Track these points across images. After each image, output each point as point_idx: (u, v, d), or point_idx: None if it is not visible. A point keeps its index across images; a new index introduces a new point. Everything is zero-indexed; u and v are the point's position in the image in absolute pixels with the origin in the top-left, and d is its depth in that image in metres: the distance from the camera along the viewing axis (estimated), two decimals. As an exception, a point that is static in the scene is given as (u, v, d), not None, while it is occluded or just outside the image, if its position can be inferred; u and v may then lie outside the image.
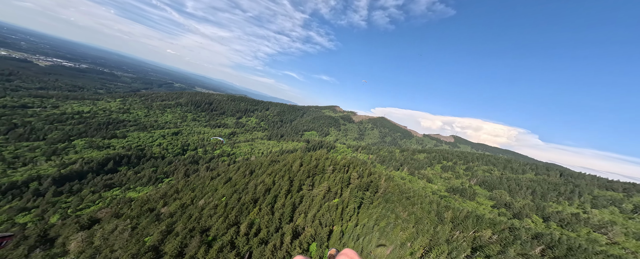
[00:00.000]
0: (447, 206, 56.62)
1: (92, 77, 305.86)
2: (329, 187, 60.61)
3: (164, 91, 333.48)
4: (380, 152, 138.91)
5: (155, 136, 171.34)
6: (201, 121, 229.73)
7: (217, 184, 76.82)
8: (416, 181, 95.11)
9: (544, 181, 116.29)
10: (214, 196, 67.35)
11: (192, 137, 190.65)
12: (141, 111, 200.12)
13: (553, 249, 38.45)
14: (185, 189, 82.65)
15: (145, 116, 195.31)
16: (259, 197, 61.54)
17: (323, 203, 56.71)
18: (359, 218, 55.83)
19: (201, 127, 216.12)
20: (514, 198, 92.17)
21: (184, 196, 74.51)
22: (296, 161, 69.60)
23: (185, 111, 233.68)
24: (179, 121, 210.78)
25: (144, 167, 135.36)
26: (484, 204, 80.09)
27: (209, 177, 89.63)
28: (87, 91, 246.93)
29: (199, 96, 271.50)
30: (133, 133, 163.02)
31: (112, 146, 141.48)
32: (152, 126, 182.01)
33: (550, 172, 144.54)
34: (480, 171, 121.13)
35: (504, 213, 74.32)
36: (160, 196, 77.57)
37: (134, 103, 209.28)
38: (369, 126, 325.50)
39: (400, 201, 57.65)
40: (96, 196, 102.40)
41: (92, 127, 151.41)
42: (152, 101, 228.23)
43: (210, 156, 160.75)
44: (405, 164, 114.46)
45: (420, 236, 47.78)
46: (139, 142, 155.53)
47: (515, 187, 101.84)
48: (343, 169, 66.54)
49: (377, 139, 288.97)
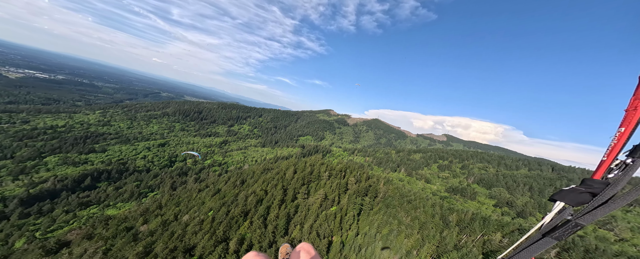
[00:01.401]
0: (451, 208, 53.66)
1: (69, 88, 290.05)
2: (326, 195, 56.51)
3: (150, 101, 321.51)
4: (376, 154, 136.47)
5: (140, 148, 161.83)
6: (190, 130, 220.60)
7: (204, 196, 70.94)
8: (415, 182, 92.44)
9: (538, 176, 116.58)
10: (200, 210, 61.57)
11: (181, 148, 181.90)
12: (123, 122, 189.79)
13: (569, 252, 35.74)
14: (170, 203, 76.00)
15: (128, 127, 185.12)
16: (250, 209, 56.47)
17: (320, 212, 52.41)
18: (360, 226, 51.81)
19: (190, 137, 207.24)
20: (514, 195, 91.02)
21: (167, 212, 68.02)
22: (290, 168, 65.24)
23: (173, 121, 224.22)
24: (166, 132, 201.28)
25: (127, 181, 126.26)
26: (485, 203, 78.03)
27: (196, 189, 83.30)
28: (63, 104, 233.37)
29: (187, 104, 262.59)
30: (114, 147, 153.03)
31: (89, 161, 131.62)
32: (135, 138, 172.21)
33: (542, 167, 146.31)
34: (476, 169, 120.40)
35: (508, 212, 72.33)
36: (141, 213, 70.62)
37: (115, 115, 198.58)
38: (363, 128, 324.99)
39: (401, 206, 54.22)
40: (70, 215, 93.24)
41: (68, 143, 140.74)
42: (136, 112, 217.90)
43: (200, 166, 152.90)
44: (402, 165, 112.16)
45: (426, 243, 44.22)
46: (120, 156, 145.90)
47: (512, 184, 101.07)
48: (340, 175, 62.76)
49: (372, 141, 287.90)
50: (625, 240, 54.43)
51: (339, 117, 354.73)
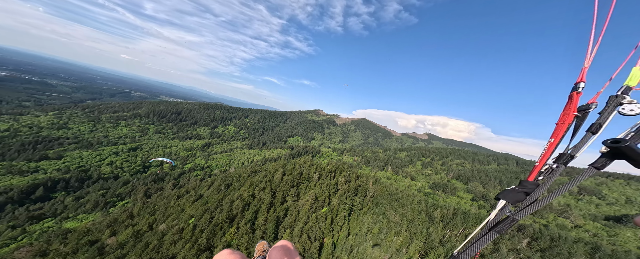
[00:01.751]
0: (435, 205, 56.02)
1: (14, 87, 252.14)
2: (316, 196, 55.62)
3: (119, 101, 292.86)
4: (364, 153, 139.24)
5: (105, 153, 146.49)
6: (167, 133, 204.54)
7: (184, 203, 65.89)
8: (401, 179, 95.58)
9: (506, 170, 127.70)
10: (179, 218, 56.96)
11: (156, 152, 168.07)
12: (84, 125, 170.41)
13: (538, 241, 39.11)
14: (143, 212, 69.34)
15: (90, 131, 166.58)
16: (237, 214, 53.54)
17: (310, 214, 51.38)
18: (351, 226, 51.77)
19: (168, 140, 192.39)
20: (487, 188, 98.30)
21: (141, 221, 61.91)
22: (278, 170, 63.17)
23: (146, 123, 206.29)
24: (137, 135, 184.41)
25: (90, 191, 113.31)
26: (464, 197, 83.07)
27: (174, 196, 77.18)
28: (6, 104, 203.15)
29: (163, 105, 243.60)
30: (73, 152, 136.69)
31: (41, 170, 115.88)
32: (99, 143, 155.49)
33: (509, 161, 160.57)
34: (454, 165, 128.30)
35: (483, 205, 77.72)
36: (108, 224, 63.43)
37: (73, 116, 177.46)
38: (352, 128, 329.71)
39: (390, 204, 55.33)
40: (18, 231, 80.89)
41: (12, 149, 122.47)
42: (100, 113, 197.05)
43: (179, 171, 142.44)
44: (389, 164, 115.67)
45: (414, 240, 45.46)
46: (81, 162, 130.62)
47: (485, 179, 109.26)
48: (330, 175, 62.29)
49: (360, 141, 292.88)
50: (579, 226, 61.31)
51: (327, 117, 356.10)
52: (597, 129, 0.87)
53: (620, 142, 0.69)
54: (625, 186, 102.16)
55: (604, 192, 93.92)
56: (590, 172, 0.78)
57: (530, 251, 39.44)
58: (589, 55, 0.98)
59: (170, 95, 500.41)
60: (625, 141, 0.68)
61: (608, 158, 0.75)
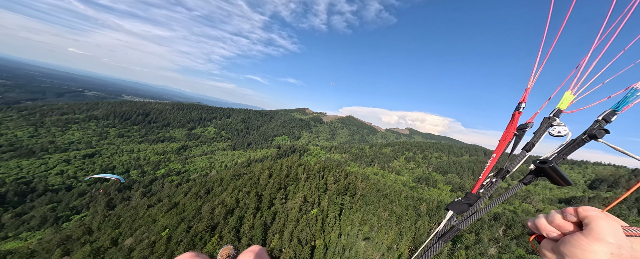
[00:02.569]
0: (421, 199, 57.54)
1: None
2: (305, 198, 53.35)
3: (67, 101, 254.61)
4: (352, 150, 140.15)
5: (53, 162, 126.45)
6: (133, 136, 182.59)
7: (155, 213, 58.73)
8: (387, 174, 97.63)
9: (476, 161, 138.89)
10: (150, 230, 50.43)
11: (120, 157, 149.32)
12: (22, 130, 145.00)
13: (512, 229, 41.84)
14: (104, 226, 60.41)
15: (30, 136, 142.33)
16: (219, 222, 48.93)
17: (300, 217, 49.03)
18: (342, 226, 50.61)
19: (134, 144, 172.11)
20: (463, 179, 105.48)
21: (101, 236, 53.70)
22: (264, 172, 59.31)
23: (106, 126, 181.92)
24: (95, 139, 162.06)
25: (34, 205, 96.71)
26: (444, 189, 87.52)
27: (143, 206, 68.65)
28: None
29: (126, 105, 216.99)
30: (8, 162, 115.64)
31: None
32: (44, 150, 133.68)
33: (478, 152, 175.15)
34: (433, 158, 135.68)
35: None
36: (59, 242, 53.96)
37: (7, 120, 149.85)
38: (338, 125, 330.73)
39: (379, 201, 55.40)
40: None
41: None
42: (43, 116, 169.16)
43: (150, 177, 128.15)
44: (375, 160, 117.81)
45: (404, 236, 45.85)
46: (20, 173, 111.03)
47: (460, 169, 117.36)
48: (318, 175, 60.35)
49: (347, 138, 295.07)
50: (540, 211, 68.27)
51: (314, 115, 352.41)
52: (530, 148, 0.95)
53: (546, 163, 0.77)
54: (570, 171, 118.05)
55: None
56: (518, 187, 0.88)
57: (506, 239, 42.25)
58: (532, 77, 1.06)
59: (135, 94, 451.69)
60: (550, 162, 0.77)
61: (534, 175, 0.83)
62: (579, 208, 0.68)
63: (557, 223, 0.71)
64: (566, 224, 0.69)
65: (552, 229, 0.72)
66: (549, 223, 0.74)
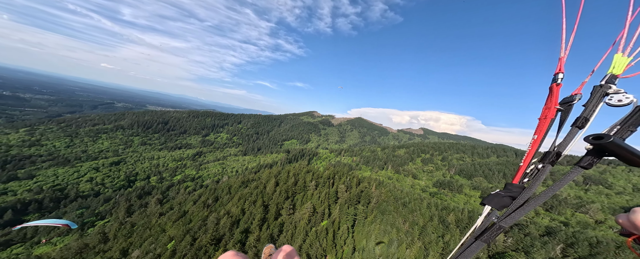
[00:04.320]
0: (447, 207, 50.61)
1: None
2: (314, 208, 49.31)
3: (99, 112, 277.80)
4: (363, 152, 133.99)
5: (84, 169, 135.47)
6: (154, 144, 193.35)
7: (165, 222, 58.18)
8: (403, 178, 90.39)
9: (507, 162, 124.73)
10: (158, 241, 49.38)
11: (142, 164, 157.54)
12: (60, 141, 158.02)
13: (574, 247, 33.78)
14: (119, 234, 61.13)
15: (66, 146, 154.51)
16: (224, 234, 46.51)
17: (309, 229, 45.01)
18: (356, 239, 45.62)
19: (155, 152, 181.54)
20: (492, 183, 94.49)
21: (115, 246, 53.90)
22: (270, 181, 56.39)
23: (130, 135, 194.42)
24: (121, 148, 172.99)
25: (67, 211, 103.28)
26: (472, 195, 78.42)
27: (156, 213, 69.06)
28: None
29: (148, 115, 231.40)
30: (46, 171, 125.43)
31: (10, 191, 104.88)
32: (77, 159, 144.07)
33: (507, 153, 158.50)
34: (455, 160, 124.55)
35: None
36: (77, 250, 55.08)
37: (47, 132, 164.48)
38: (348, 127, 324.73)
39: (397, 210, 49.56)
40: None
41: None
42: (77, 127, 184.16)
43: (167, 183, 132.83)
44: (388, 162, 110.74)
45: (430, 252, 39.69)
46: (56, 181, 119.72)
47: (488, 173, 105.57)
48: (328, 183, 56.07)
49: (357, 140, 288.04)
50: (601, 222, 57.06)
51: (323, 118, 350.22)
52: (584, 124, 0.79)
53: (603, 139, 0.61)
54: (628, 173, 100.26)
55: (609, 181, 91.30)
56: (576, 173, 0.71)
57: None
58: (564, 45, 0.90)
59: (157, 104, 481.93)
60: (609, 137, 0.60)
61: (594, 156, 0.67)
62: None
63: None
64: None
65: None
66: None
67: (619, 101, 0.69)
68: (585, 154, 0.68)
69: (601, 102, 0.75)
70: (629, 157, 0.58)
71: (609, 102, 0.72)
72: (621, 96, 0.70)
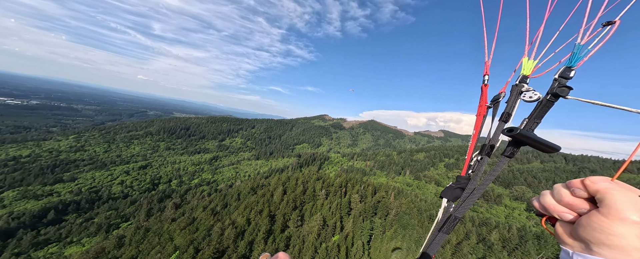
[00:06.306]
0: (486, 223, 41.74)
1: (44, 114, 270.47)
2: (325, 220, 44.06)
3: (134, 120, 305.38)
4: (377, 157, 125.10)
5: (116, 173, 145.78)
6: (177, 149, 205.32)
7: (175, 229, 57.08)
8: (424, 186, 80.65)
9: (556, 169, 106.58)
10: (164, 250, 47.74)
11: (165, 168, 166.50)
12: (99, 146, 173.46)
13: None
14: (134, 239, 61.54)
15: (104, 151, 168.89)
16: (228, 246, 43.22)
17: (319, 244, 39.76)
18: (372, 258, 39.12)
19: (177, 156, 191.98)
20: (537, 193, 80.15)
21: (126, 252, 53.79)
22: (278, 188, 52.55)
23: (157, 140, 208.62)
24: (149, 152, 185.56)
25: (99, 212, 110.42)
26: (516, 207, 66.34)
27: (169, 218, 69.12)
28: (34, 131, 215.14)
29: (173, 121, 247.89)
30: (86, 174, 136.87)
31: (55, 193, 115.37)
32: (112, 162, 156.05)
33: (554, 157, 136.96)
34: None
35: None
36: (94, 255, 56.04)
37: (90, 139, 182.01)
38: (360, 130, 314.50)
39: (422, 224, 42.07)
40: (22, 258, 77.58)
41: (32, 174, 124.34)
42: (115, 134, 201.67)
43: (186, 187, 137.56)
44: (406, 167, 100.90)
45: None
46: (93, 183, 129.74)
47: (532, 181, 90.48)
48: (340, 191, 50.49)
49: (371, 143, 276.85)
50: None
51: (334, 121, 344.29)
52: (508, 118, 0.90)
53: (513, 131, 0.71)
54: None
55: None
56: (503, 161, 0.80)
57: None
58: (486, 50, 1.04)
59: (182, 111, 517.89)
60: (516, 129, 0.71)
61: (514, 146, 0.76)
62: (586, 180, 0.55)
63: (566, 200, 0.57)
64: (577, 201, 0.55)
65: (564, 210, 0.58)
66: (557, 202, 0.59)
67: (530, 97, 0.81)
68: (507, 144, 0.78)
69: (519, 99, 0.86)
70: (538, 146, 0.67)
71: (524, 98, 0.83)
72: (531, 93, 0.82)
